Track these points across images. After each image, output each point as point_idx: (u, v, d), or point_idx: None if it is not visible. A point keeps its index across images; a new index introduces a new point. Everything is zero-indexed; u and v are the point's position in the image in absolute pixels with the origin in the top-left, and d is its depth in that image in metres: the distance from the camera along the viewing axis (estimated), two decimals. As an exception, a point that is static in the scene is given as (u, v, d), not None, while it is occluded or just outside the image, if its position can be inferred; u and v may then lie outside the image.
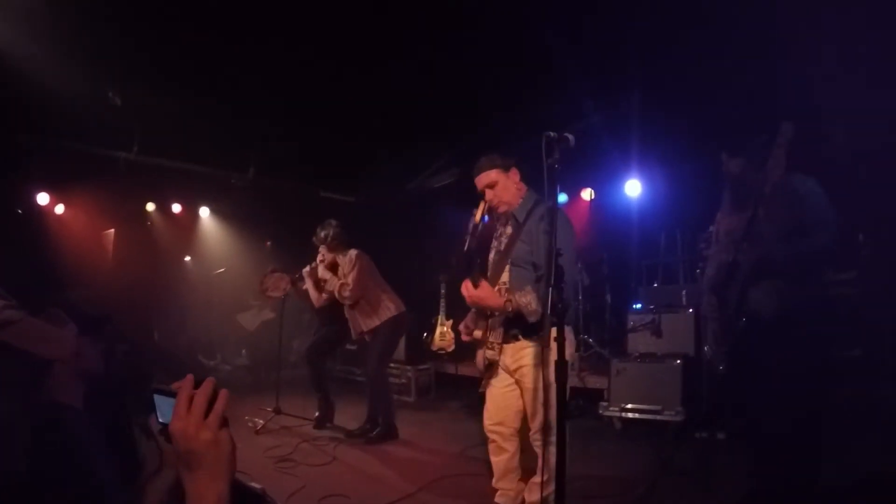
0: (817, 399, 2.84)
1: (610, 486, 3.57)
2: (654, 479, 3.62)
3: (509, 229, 2.94)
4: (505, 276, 2.84)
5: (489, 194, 2.91)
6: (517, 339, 2.79)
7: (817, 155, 3.12)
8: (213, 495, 0.93)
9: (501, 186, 2.89)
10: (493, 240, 3.05)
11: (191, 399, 0.96)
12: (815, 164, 2.93)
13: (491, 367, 2.92)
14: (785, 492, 2.79)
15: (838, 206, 2.81)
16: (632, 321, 5.37)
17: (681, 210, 6.04)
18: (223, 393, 0.98)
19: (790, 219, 2.77)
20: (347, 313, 5.12)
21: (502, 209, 2.94)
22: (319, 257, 5.22)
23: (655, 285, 6.26)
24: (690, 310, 5.09)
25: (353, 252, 5.07)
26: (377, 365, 4.99)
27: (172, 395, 0.99)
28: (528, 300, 2.61)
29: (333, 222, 5.13)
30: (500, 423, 2.94)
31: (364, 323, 5.03)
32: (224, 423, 0.97)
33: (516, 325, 2.76)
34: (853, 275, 4.33)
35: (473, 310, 2.97)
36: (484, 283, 2.75)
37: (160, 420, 1.03)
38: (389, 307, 5.02)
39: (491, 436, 2.99)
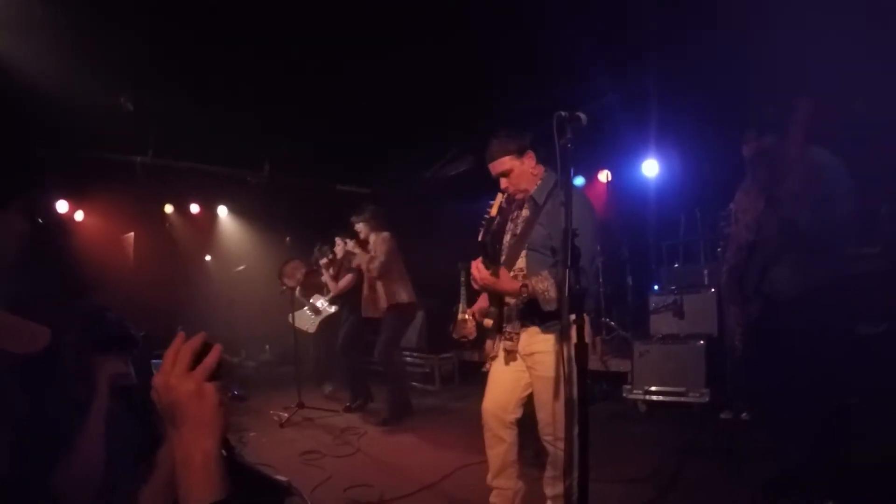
0: (842, 378, 2.77)
1: (635, 469, 3.53)
2: (679, 463, 3.58)
3: (526, 212, 2.77)
4: (521, 262, 2.68)
5: (504, 182, 2.75)
6: (533, 325, 2.63)
7: (838, 126, 3.03)
8: (199, 452, 0.87)
9: (517, 174, 2.71)
10: (509, 222, 2.87)
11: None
12: (836, 136, 2.86)
13: (509, 355, 2.74)
14: (811, 473, 2.74)
15: (859, 179, 2.75)
16: (653, 303, 5.30)
17: (700, 188, 5.94)
18: (216, 347, 0.94)
19: (809, 191, 2.71)
20: (365, 293, 5.54)
21: (519, 196, 2.78)
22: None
23: (676, 266, 6.17)
24: (713, 289, 5.01)
25: (386, 234, 5.46)
26: (385, 349, 5.31)
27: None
28: (545, 286, 2.44)
29: (372, 206, 5.63)
30: (501, 408, 2.74)
31: (374, 306, 5.44)
32: (214, 377, 0.92)
33: (532, 315, 2.59)
34: (877, 249, 4.21)
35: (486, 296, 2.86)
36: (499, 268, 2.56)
37: None
38: (401, 294, 5.37)
39: (488, 422, 2.77)
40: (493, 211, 2.63)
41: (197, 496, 0.85)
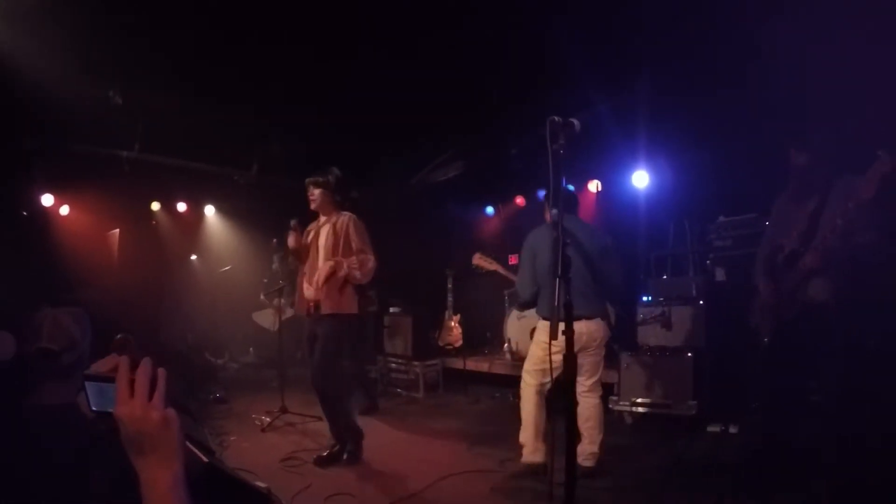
0: (867, 387, 2.88)
1: (621, 481, 3.50)
2: (665, 476, 3.55)
3: None
4: None
5: None
6: None
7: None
8: (168, 478, 0.90)
9: None
10: None
11: (131, 382, 0.92)
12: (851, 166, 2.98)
13: None
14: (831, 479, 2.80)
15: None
16: (641, 314, 5.28)
17: (689, 200, 5.95)
18: (161, 372, 0.95)
19: (843, 213, 2.86)
20: (300, 283, 4.38)
21: None
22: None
23: (665, 277, 6.16)
24: (701, 301, 5.00)
25: (349, 215, 4.40)
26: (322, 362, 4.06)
27: (106, 380, 0.95)
28: None
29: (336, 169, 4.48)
30: None
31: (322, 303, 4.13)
32: (168, 402, 0.94)
33: None
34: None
35: None
36: None
37: (93, 408, 0.98)
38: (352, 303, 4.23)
39: None
40: None
41: None
